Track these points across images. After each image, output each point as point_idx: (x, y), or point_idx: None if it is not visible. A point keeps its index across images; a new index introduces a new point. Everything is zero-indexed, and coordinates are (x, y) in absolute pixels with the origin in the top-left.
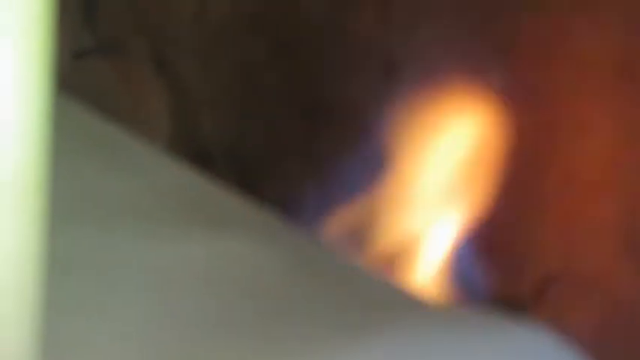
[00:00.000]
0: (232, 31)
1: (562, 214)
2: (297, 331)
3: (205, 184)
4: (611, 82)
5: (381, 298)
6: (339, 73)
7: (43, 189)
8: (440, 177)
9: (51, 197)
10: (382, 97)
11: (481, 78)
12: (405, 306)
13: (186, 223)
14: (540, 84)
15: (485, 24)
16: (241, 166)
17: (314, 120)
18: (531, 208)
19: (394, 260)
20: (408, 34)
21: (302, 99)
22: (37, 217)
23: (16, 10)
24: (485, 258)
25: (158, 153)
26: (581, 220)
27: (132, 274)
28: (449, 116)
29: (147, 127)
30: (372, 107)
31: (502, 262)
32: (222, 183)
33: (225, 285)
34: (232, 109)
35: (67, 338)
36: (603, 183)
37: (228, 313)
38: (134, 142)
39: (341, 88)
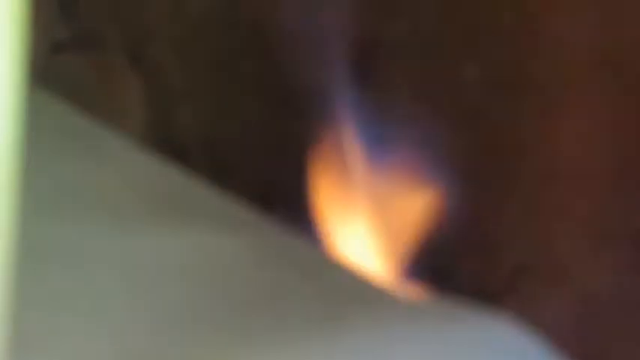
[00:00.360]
0: (208, 24)
1: (536, 205)
2: (268, 324)
3: (180, 177)
4: (586, 72)
5: (352, 289)
6: (315, 63)
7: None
8: (412, 165)
9: (24, 190)
10: (356, 87)
11: (456, 67)
12: (377, 298)
13: (160, 215)
14: (518, 73)
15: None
16: (217, 158)
17: (290, 111)
18: (505, 199)
19: (366, 244)
20: (382, 24)
21: (278, 90)
22: (10, 211)
23: None
24: (458, 248)
25: (133, 146)
26: (556, 211)
27: (104, 267)
28: (428, 96)
29: (122, 120)
30: (347, 97)
31: (475, 253)
32: (198, 175)
33: (197, 278)
34: (208, 101)
35: (39, 332)
36: (576, 174)
37: (200, 305)
38: (109, 135)
39: (317, 78)
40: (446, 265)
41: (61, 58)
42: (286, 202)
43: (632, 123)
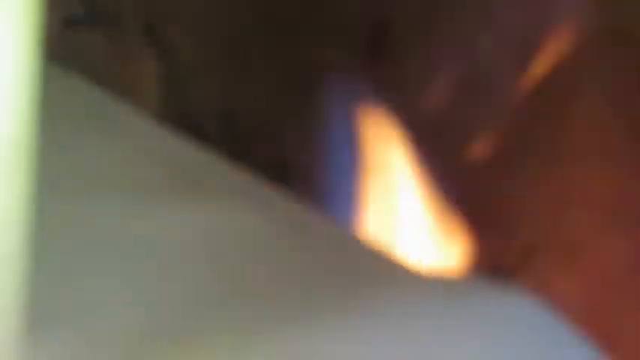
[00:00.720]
0: (224, 1)
1: (549, 182)
2: (288, 299)
3: (196, 152)
4: (595, 52)
5: (371, 265)
6: (330, 37)
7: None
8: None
9: (39, 165)
10: (372, 60)
11: (468, 50)
12: (395, 273)
13: (176, 190)
14: (527, 49)
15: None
16: (233, 133)
17: (306, 85)
18: (517, 177)
19: (384, 223)
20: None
21: (294, 64)
22: (25, 185)
23: None
24: (471, 225)
25: (149, 120)
26: (565, 188)
27: (122, 243)
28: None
29: (137, 96)
30: (362, 70)
31: (488, 231)
32: (214, 149)
33: (216, 252)
34: (223, 76)
35: (55, 307)
36: (587, 152)
37: (220, 280)
38: (124, 110)
39: (332, 52)
40: (459, 242)
41: (75, 34)
42: (303, 177)
43: None
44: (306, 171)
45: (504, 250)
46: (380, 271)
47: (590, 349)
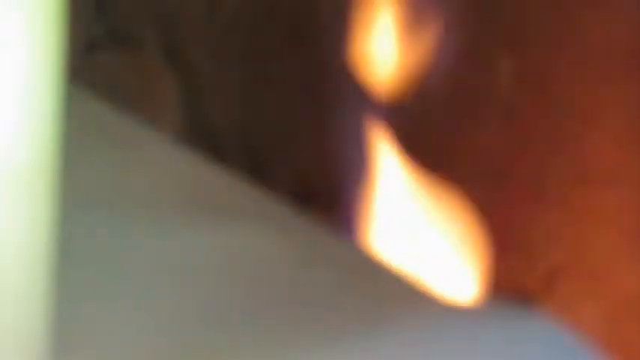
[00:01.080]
0: (243, 20)
1: (571, 205)
2: (309, 324)
3: (218, 174)
4: (622, 72)
5: (394, 290)
6: (348, 53)
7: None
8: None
9: (63, 187)
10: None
11: (489, 68)
12: (417, 298)
13: (197, 213)
14: (550, 73)
15: (492, 13)
16: (253, 154)
17: (325, 108)
18: (540, 200)
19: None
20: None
21: (313, 87)
22: (50, 207)
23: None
24: (495, 250)
25: (169, 142)
26: (590, 211)
27: (144, 264)
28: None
29: (158, 118)
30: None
31: (511, 255)
32: (234, 172)
33: (236, 275)
34: (243, 99)
35: (78, 327)
36: (613, 175)
37: (240, 303)
38: (145, 132)
39: (350, 74)
40: (483, 266)
41: (97, 57)
42: (324, 197)
43: None
44: (327, 191)
45: (527, 273)
46: (401, 296)
47: None
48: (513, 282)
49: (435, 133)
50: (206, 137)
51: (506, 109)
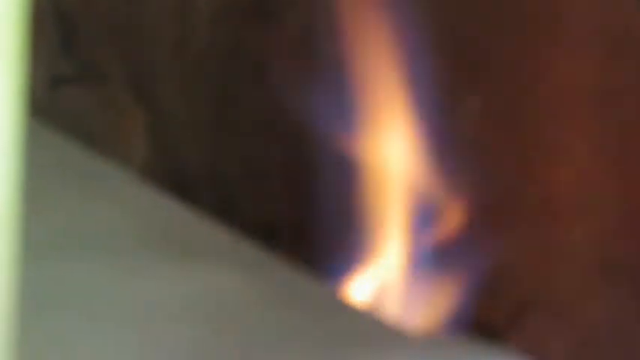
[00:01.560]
0: (211, 57)
1: (537, 239)
2: None
3: (184, 214)
4: (587, 108)
5: (360, 329)
6: (314, 96)
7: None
8: (411, 201)
9: (25, 227)
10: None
11: (456, 102)
12: (381, 335)
13: (165, 254)
14: (516, 109)
15: (460, 48)
16: (221, 191)
17: (293, 144)
18: (506, 234)
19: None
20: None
21: (281, 123)
22: (12, 246)
23: None
24: (461, 286)
25: (136, 181)
26: (556, 245)
27: (106, 305)
28: (431, 129)
29: (125, 154)
30: (347, 127)
31: (477, 290)
32: (202, 209)
33: (205, 319)
34: (211, 134)
35: None
36: (578, 208)
37: (207, 345)
38: (110, 169)
39: (318, 110)
40: (448, 301)
41: (63, 92)
42: (292, 236)
43: (633, 159)
44: (293, 230)
45: (493, 309)
46: (367, 333)
47: None
48: (479, 317)
49: (401, 162)
50: (173, 173)
51: (473, 144)
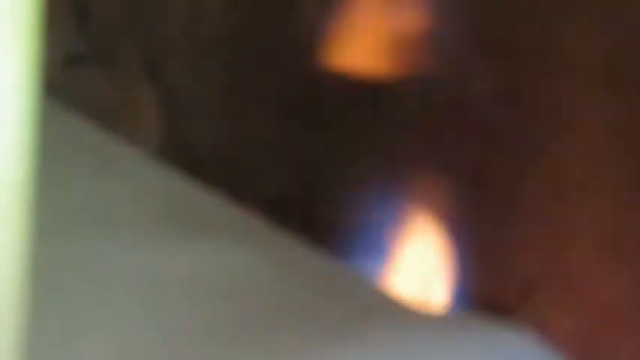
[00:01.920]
0: (222, 39)
1: (545, 218)
2: (283, 338)
3: (195, 191)
4: (598, 84)
5: (368, 303)
6: (326, 75)
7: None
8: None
9: (38, 204)
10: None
11: (467, 81)
12: (392, 311)
13: (176, 231)
14: (527, 86)
15: (474, 26)
16: (231, 170)
17: (305, 125)
18: (515, 212)
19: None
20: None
21: (292, 103)
22: (24, 224)
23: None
24: (470, 263)
25: (148, 160)
26: (565, 223)
27: (121, 280)
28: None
29: (137, 133)
30: (363, 109)
31: (487, 267)
32: (212, 187)
33: (212, 293)
34: (222, 113)
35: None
36: (586, 187)
37: (215, 321)
38: (124, 149)
39: (330, 90)
40: (458, 279)
41: (76, 72)
42: (301, 214)
43: None
44: (305, 208)
45: (503, 286)
46: (378, 309)
47: None
48: (489, 294)
49: (411, 143)
50: (185, 150)
51: (483, 122)
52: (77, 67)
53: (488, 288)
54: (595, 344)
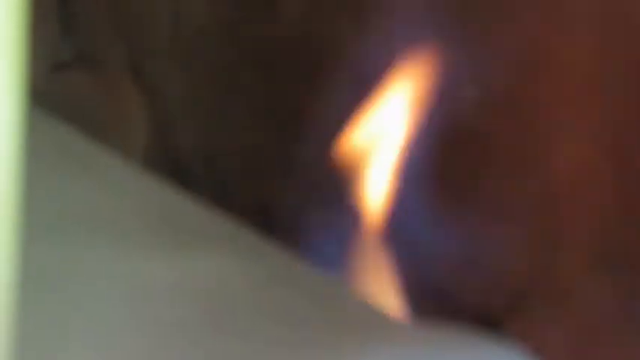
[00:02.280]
0: (209, 41)
1: (536, 227)
2: (270, 348)
3: (180, 199)
4: (590, 96)
5: (352, 315)
6: (314, 80)
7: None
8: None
9: (24, 213)
10: (352, 103)
11: (455, 83)
12: (379, 321)
13: (160, 239)
14: (514, 94)
15: (458, 32)
16: (218, 175)
17: (292, 131)
18: (505, 222)
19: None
20: (382, 45)
21: (281, 109)
22: (10, 234)
23: None
24: (459, 273)
25: (134, 167)
26: (556, 235)
27: (105, 292)
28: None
29: (124, 137)
30: (344, 112)
31: (475, 279)
32: (198, 193)
33: (200, 302)
34: (210, 118)
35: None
36: (580, 198)
37: (201, 329)
38: (110, 157)
39: (316, 95)
40: (447, 290)
41: (62, 76)
42: (288, 223)
43: (634, 147)
44: (289, 218)
45: (491, 297)
46: (364, 320)
47: None
48: (478, 306)
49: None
50: (172, 156)
51: (471, 130)
52: (62, 71)
53: (477, 299)
54: (585, 356)
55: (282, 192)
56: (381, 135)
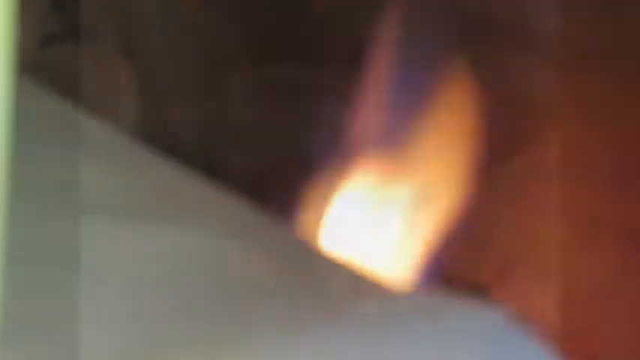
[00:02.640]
0: (200, 18)
1: (525, 201)
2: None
3: (172, 171)
4: (579, 71)
5: (348, 283)
6: (308, 56)
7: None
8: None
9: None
10: (349, 79)
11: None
12: (369, 290)
13: (153, 212)
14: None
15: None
16: (209, 149)
17: (283, 105)
18: (492, 194)
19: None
20: (376, 17)
21: (270, 84)
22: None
23: None
24: (448, 241)
25: (125, 139)
26: (542, 205)
27: (99, 266)
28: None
29: (114, 111)
30: (340, 89)
31: (464, 246)
32: (189, 166)
33: (192, 275)
34: (200, 92)
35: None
36: (569, 173)
37: (196, 302)
38: (101, 129)
39: (310, 71)
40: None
41: (53, 50)
42: (278, 195)
43: (625, 123)
44: (281, 190)
45: (481, 264)
46: (356, 289)
47: None
48: (466, 273)
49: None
50: (162, 130)
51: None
52: (52, 45)
53: (466, 267)
54: (573, 321)
55: (275, 163)
56: None
